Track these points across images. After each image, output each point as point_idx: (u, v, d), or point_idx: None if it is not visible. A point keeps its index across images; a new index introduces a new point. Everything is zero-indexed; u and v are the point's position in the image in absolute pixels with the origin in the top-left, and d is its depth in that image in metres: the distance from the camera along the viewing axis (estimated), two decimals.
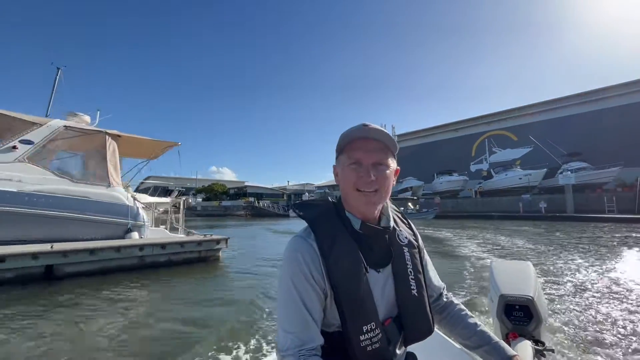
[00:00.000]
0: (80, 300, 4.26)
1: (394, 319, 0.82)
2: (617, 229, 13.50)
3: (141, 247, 6.01)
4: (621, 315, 3.38)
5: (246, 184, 69.43)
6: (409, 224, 0.98)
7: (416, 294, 0.84)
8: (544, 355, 1.14)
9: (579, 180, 25.83)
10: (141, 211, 7.25)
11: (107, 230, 6.72)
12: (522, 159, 37.00)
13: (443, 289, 1.01)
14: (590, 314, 3.46)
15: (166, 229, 8.06)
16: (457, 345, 1.18)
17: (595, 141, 32.10)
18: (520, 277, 1.44)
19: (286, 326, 0.74)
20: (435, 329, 0.90)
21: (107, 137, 7.27)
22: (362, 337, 0.75)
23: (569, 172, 26.33)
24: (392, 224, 0.87)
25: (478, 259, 6.93)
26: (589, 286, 4.53)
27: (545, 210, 24.30)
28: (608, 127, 32.14)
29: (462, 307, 0.98)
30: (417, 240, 0.94)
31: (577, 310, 3.58)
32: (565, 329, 3.08)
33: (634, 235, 10.75)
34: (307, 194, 49.34)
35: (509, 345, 1.05)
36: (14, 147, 6.12)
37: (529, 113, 39.45)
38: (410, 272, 0.85)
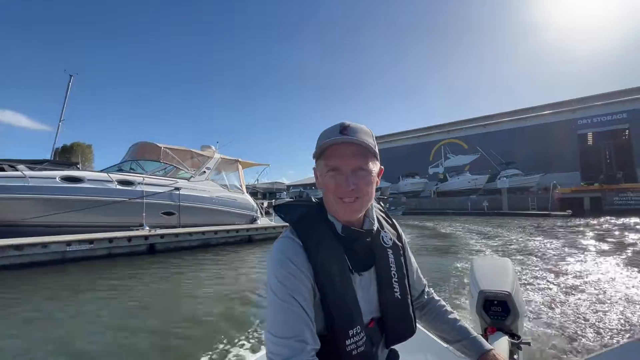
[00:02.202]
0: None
1: (377, 321, 0.86)
2: (535, 220, 20.98)
3: (283, 226, 11.48)
4: (593, 308, 3.87)
5: None
6: (393, 223, 1.00)
7: (399, 297, 0.87)
8: (520, 349, 1.25)
9: (512, 184, 34.31)
10: (258, 207, 12.64)
11: (244, 219, 12.02)
12: (471, 164, 45.61)
13: (425, 286, 1.07)
14: (567, 308, 3.88)
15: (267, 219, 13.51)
16: (438, 341, 1.24)
17: (526, 152, 41.16)
18: (498, 273, 1.54)
19: (281, 331, 0.69)
20: (418, 326, 0.95)
21: (238, 163, 12.53)
22: (348, 342, 0.76)
23: (505, 178, 34.79)
24: (376, 225, 0.89)
25: (461, 234, 13.06)
26: (565, 281, 5.13)
27: (487, 208, 32.29)
28: (535, 140, 41.32)
29: (443, 303, 1.04)
30: (401, 241, 0.96)
31: (554, 305, 3.99)
32: (543, 322, 3.45)
33: (552, 224, 17.99)
34: (284, 193, 54.60)
35: (487, 339, 1.15)
36: (204, 172, 11.23)
37: (477, 125, 48.26)
38: (393, 274, 0.88)
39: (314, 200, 0.91)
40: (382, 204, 1.01)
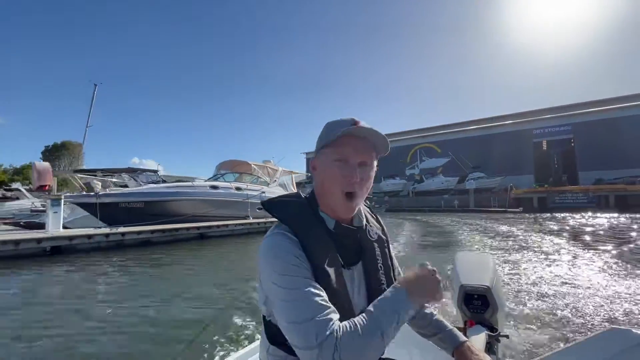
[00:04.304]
0: None
1: None
2: (495, 215, 28.22)
3: None
4: (568, 299, 4.38)
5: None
6: (377, 218, 1.06)
7: (385, 288, 0.89)
8: (498, 341, 1.35)
9: (478, 185, 42.05)
10: None
11: None
12: (443, 167, 52.69)
13: None
14: (544, 300, 4.35)
15: None
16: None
17: (489, 157, 48.51)
18: (479, 268, 1.66)
19: (302, 316, 0.70)
20: None
21: (292, 173, 18.45)
22: None
23: (472, 180, 42.55)
24: (364, 222, 0.94)
25: (448, 222, 19.45)
26: (543, 276, 5.75)
27: (457, 205, 39.76)
28: (497, 147, 48.60)
29: None
30: (385, 235, 1.02)
31: (532, 297, 4.45)
32: (521, 315, 3.80)
33: (506, 217, 25.17)
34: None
35: (466, 332, 1.27)
36: (275, 180, 17.05)
37: (449, 131, 56.03)
38: (380, 267, 0.93)
39: (302, 195, 0.93)
40: (368, 202, 1.07)
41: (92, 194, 11.30)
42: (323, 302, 0.73)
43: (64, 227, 9.94)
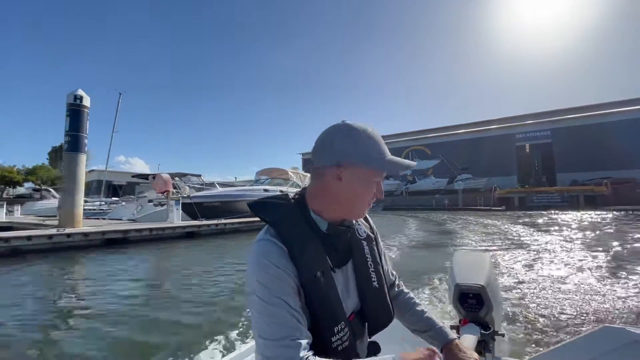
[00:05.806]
0: None
1: (357, 312, 0.93)
2: (480, 213, 33.26)
3: None
4: (562, 297, 4.57)
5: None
6: (365, 216, 1.07)
7: (377, 285, 0.96)
8: (493, 339, 1.41)
9: (466, 186, 46.95)
10: None
11: None
12: (433, 168, 56.94)
13: (395, 278, 1.17)
14: (539, 299, 4.53)
15: None
16: None
17: (477, 159, 52.46)
18: (475, 266, 1.69)
19: (274, 333, 0.73)
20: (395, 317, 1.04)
21: None
22: (333, 339, 0.82)
23: (460, 181, 47.63)
24: (353, 220, 0.95)
25: (447, 219, 24.03)
26: (538, 276, 5.99)
27: (447, 204, 44.61)
28: (484, 150, 52.89)
29: (412, 295, 1.16)
30: (373, 232, 1.07)
31: (528, 296, 4.65)
32: (517, 314, 3.94)
33: (491, 214, 30.25)
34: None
35: (460, 330, 1.33)
36: (305, 184, 21.66)
37: (439, 134, 60.87)
38: (370, 264, 0.97)
39: (291, 197, 0.93)
40: None
41: (185, 195, 15.74)
42: (297, 324, 0.75)
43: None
